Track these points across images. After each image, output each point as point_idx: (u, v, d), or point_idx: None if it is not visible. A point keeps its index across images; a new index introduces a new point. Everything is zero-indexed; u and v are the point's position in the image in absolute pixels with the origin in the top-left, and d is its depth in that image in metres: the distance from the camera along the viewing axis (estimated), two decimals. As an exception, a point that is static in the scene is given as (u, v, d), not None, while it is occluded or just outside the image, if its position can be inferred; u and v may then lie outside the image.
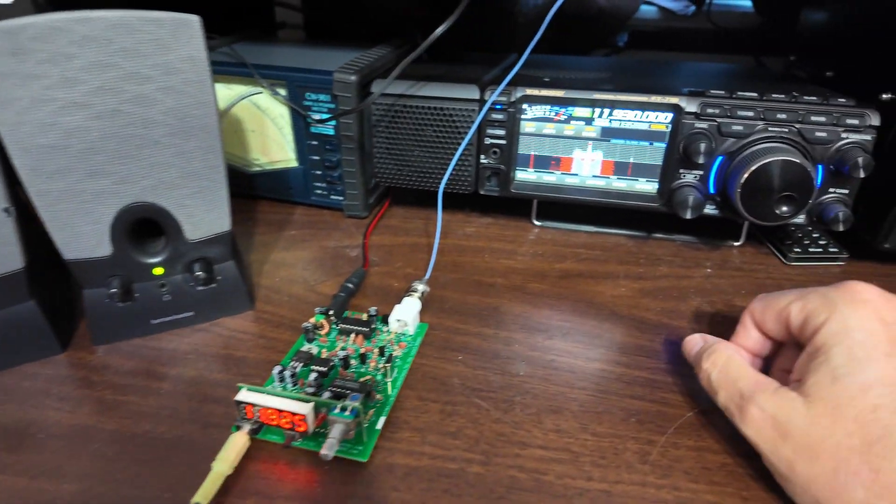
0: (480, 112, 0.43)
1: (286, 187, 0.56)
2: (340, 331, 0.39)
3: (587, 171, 0.46)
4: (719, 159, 0.42)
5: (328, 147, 0.51)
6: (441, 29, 0.41)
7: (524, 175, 0.48)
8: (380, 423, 0.32)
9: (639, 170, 0.45)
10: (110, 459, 0.30)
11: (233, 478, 0.29)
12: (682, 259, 0.49)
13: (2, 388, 0.35)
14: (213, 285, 0.40)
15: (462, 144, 0.43)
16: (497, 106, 0.45)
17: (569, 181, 0.47)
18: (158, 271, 0.39)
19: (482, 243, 0.51)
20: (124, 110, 0.33)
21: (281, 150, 0.54)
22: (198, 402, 0.34)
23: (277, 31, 0.85)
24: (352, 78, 0.47)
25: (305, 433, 0.30)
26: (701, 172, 0.43)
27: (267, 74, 0.51)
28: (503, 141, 0.46)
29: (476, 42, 0.89)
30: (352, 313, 0.41)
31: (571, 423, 0.33)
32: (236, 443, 0.29)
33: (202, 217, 0.39)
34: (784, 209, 0.40)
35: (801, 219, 0.43)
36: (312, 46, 0.62)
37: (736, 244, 0.50)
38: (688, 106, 0.42)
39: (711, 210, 0.44)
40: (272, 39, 0.65)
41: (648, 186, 0.45)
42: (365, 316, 0.40)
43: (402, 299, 0.41)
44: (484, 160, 0.48)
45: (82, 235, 0.36)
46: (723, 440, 0.31)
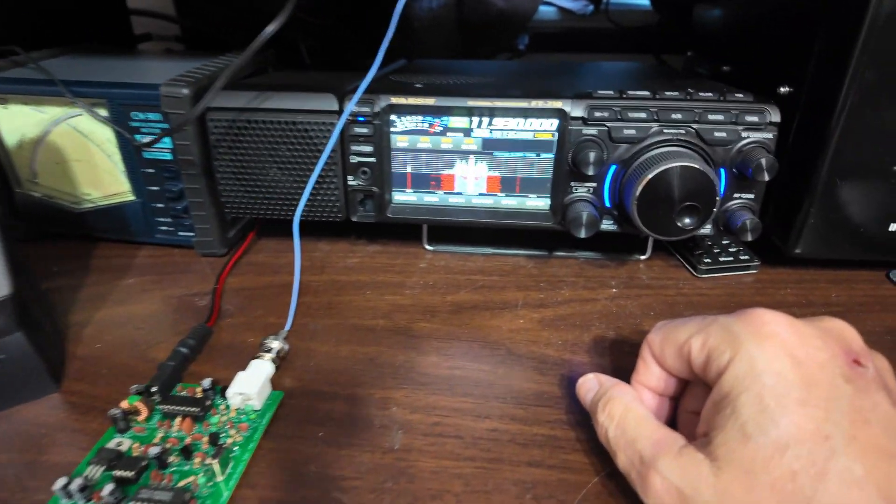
0: (338, 125, 0.36)
1: (125, 225, 0.46)
2: (164, 414, 0.30)
3: (472, 189, 0.40)
4: (612, 168, 0.37)
5: (167, 175, 0.43)
6: (270, 29, 0.33)
7: (402, 197, 0.41)
8: (194, 551, 0.24)
9: (528, 185, 0.39)
10: None
11: None
12: (586, 279, 0.43)
13: None
14: (-8, 367, 0.31)
15: (318, 164, 0.36)
16: (360, 118, 0.38)
17: (453, 201, 0.41)
18: None
19: (365, 277, 0.44)
20: None
21: (114, 182, 0.45)
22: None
23: (138, 44, 0.75)
24: (184, 91, 0.38)
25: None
26: (594, 184, 0.38)
27: (83, 93, 0.41)
28: (372, 158, 0.39)
29: (372, 48, 0.82)
30: (184, 387, 0.32)
31: (452, 515, 0.26)
32: None
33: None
34: (686, 221, 0.35)
35: (707, 229, 0.38)
36: (161, 59, 0.53)
37: (643, 258, 0.45)
38: (573, 110, 0.36)
39: (609, 225, 0.39)
40: (110, 52, 0.56)
41: (540, 203, 0.40)
42: (199, 390, 0.31)
43: (249, 363, 0.33)
44: (352, 181, 0.40)
45: None
46: (634, 516, 0.25)
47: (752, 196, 0.37)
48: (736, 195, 0.37)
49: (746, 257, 0.43)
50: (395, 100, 0.37)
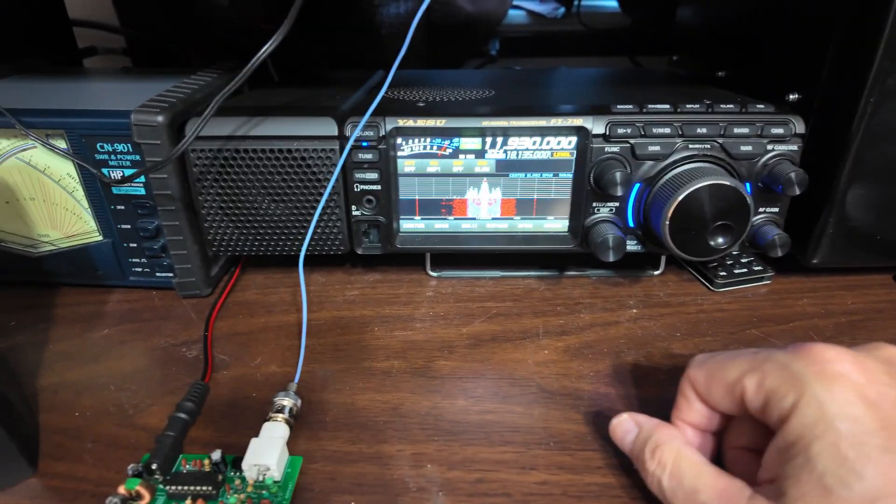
0: (342, 154, 0.32)
1: (92, 269, 0.41)
2: (170, 495, 0.26)
3: (485, 214, 0.37)
4: (636, 187, 0.35)
5: (142, 211, 0.38)
6: (268, 47, 0.29)
7: (410, 225, 0.38)
8: None
9: (545, 207, 0.37)
10: None
11: None
12: (603, 300, 0.42)
13: None
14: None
15: (324, 196, 0.32)
16: (363, 143, 0.35)
17: (465, 227, 0.38)
18: None
19: (369, 311, 0.41)
20: None
21: (77, 221, 0.40)
22: None
23: (83, 60, 0.69)
24: (158, 119, 0.34)
25: None
26: (617, 204, 0.36)
27: (36, 123, 0.36)
28: (377, 186, 0.36)
29: (341, 58, 0.78)
30: (188, 460, 0.28)
31: None
32: None
33: None
34: (720, 241, 0.33)
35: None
36: (120, 79, 0.48)
37: (656, 273, 0.44)
38: (594, 127, 0.34)
39: (633, 246, 0.37)
40: (60, 72, 0.50)
41: (558, 225, 0.38)
42: (207, 463, 0.27)
43: (261, 427, 0.29)
44: (356, 212, 0.37)
45: None
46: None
47: (777, 210, 0.36)
48: (761, 209, 0.36)
49: (760, 268, 0.42)
50: (402, 122, 0.34)
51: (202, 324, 0.38)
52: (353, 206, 0.37)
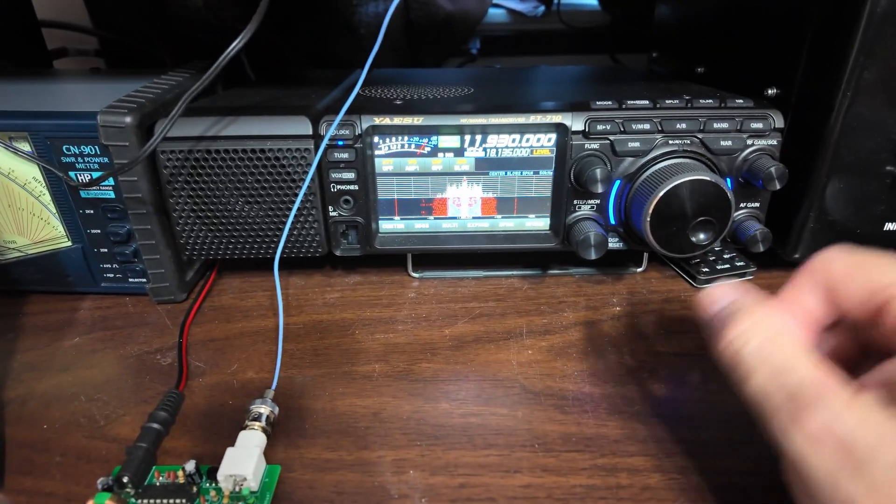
0: (317, 153, 0.32)
1: (62, 275, 0.40)
2: (142, 511, 0.25)
3: (466, 214, 0.37)
4: (617, 183, 0.35)
5: (112, 215, 0.37)
6: (236, 45, 0.28)
7: (390, 225, 0.37)
8: None
9: (526, 205, 0.37)
10: None
11: None
12: (587, 298, 0.41)
13: None
14: None
15: (298, 197, 0.31)
16: (339, 142, 0.34)
17: (446, 227, 0.37)
18: None
19: (350, 314, 0.40)
20: None
21: (45, 227, 0.39)
22: None
23: (53, 61, 0.67)
24: (126, 120, 0.33)
25: None
26: (597, 201, 0.36)
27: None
28: (354, 186, 0.35)
29: (320, 58, 0.77)
30: (161, 471, 0.27)
31: None
32: None
33: None
34: (702, 237, 0.33)
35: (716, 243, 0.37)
36: (88, 80, 0.47)
37: (639, 270, 0.44)
38: (573, 124, 0.34)
39: (615, 243, 0.37)
40: (25, 73, 0.48)
41: (540, 223, 0.37)
42: (181, 475, 0.27)
43: (238, 436, 0.28)
44: (334, 213, 0.36)
45: None
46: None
47: (758, 205, 0.36)
48: (742, 204, 0.36)
49: (742, 263, 0.42)
50: (379, 120, 0.34)
51: (177, 330, 0.37)
52: (330, 207, 0.36)
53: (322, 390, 0.33)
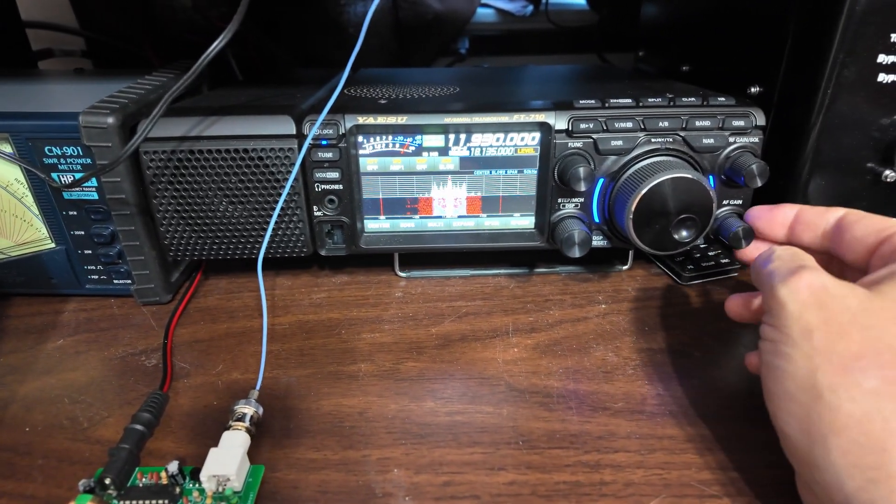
0: (300, 152, 0.32)
1: (46, 277, 0.39)
2: (124, 512, 0.25)
3: (451, 213, 0.37)
4: (600, 182, 0.35)
5: (96, 217, 0.37)
6: (218, 44, 0.28)
7: (375, 225, 0.37)
8: None
9: (511, 204, 0.37)
10: None
11: None
12: (573, 296, 0.41)
13: None
14: None
15: (281, 197, 0.31)
16: (323, 142, 0.34)
17: (432, 226, 0.37)
18: None
19: (337, 314, 0.40)
20: None
21: (28, 229, 0.38)
22: None
23: (38, 62, 0.66)
24: (108, 120, 0.33)
25: None
26: (581, 200, 0.36)
27: (-22, 126, 0.34)
28: (339, 186, 0.35)
29: (308, 58, 0.77)
30: (144, 472, 0.27)
31: None
32: None
33: None
34: (684, 234, 0.34)
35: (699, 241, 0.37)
36: (72, 80, 0.47)
37: (624, 268, 0.44)
38: (556, 123, 0.34)
39: (599, 241, 0.37)
40: (7, 74, 0.48)
41: (525, 222, 0.37)
42: (164, 475, 0.26)
43: (221, 436, 0.28)
44: (318, 212, 0.36)
45: None
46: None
47: (741, 202, 0.36)
48: (724, 202, 0.36)
49: (727, 261, 0.43)
50: (362, 119, 0.34)
51: (162, 331, 0.37)
52: (315, 207, 0.36)
53: (307, 390, 0.33)
